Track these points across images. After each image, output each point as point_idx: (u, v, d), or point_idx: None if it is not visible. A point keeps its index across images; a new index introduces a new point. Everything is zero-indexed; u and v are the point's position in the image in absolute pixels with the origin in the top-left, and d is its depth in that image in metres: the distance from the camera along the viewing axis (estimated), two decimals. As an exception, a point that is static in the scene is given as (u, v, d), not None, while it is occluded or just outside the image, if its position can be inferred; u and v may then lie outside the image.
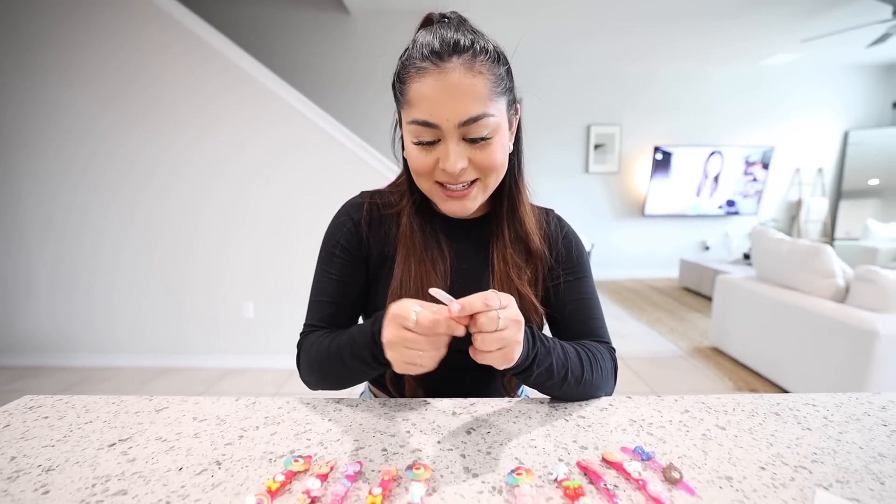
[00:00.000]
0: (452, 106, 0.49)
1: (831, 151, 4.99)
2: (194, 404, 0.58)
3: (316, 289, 0.65)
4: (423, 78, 0.50)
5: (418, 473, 0.41)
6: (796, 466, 0.43)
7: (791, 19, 3.44)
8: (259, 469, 0.44)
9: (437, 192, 0.56)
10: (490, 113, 0.51)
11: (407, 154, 0.56)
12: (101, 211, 2.39)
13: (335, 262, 0.64)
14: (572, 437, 0.49)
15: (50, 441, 0.50)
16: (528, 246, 0.63)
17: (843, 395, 0.58)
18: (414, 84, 0.51)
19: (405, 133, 0.55)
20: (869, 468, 0.43)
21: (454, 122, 0.50)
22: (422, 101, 0.50)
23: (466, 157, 0.52)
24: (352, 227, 0.64)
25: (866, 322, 1.80)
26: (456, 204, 0.56)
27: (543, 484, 0.41)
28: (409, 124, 0.53)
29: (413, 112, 0.51)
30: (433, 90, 0.49)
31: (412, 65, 0.51)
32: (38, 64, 2.26)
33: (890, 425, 0.51)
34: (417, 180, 0.57)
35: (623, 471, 0.42)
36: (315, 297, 0.65)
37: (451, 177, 0.53)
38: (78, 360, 2.54)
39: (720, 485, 0.41)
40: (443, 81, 0.49)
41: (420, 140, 0.52)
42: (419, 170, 0.55)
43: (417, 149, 0.53)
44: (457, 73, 0.49)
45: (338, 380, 0.58)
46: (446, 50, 0.49)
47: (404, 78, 0.52)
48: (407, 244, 0.61)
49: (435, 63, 0.49)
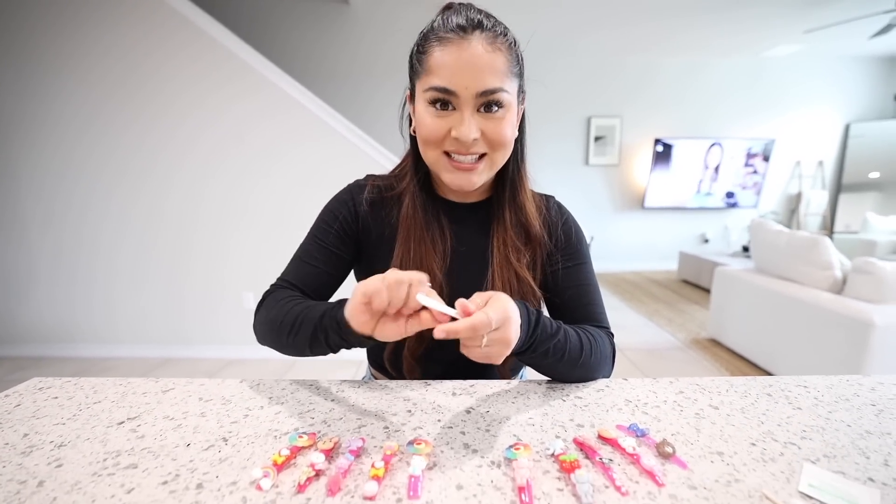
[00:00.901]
0: (472, 75, 0.51)
1: (832, 144, 4.98)
2: (199, 385, 0.60)
3: (301, 250, 0.66)
4: (446, 47, 0.52)
5: (419, 448, 0.42)
6: (786, 443, 0.45)
7: (793, 10, 3.42)
8: (265, 445, 0.45)
9: (443, 163, 0.57)
10: (505, 88, 0.53)
11: (419, 122, 0.57)
12: (102, 202, 2.40)
13: (329, 233, 0.65)
14: (569, 416, 0.51)
15: (60, 419, 0.51)
16: (528, 231, 0.64)
17: (835, 377, 0.60)
18: (435, 52, 0.53)
19: (420, 102, 0.56)
20: (856, 444, 0.44)
21: (473, 91, 0.52)
22: (442, 69, 0.52)
23: (479, 129, 0.54)
24: (352, 206, 0.66)
25: (863, 313, 1.82)
26: (462, 177, 0.57)
27: (540, 458, 0.42)
28: (426, 91, 0.54)
29: (432, 79, 0.53)
30: (455, 59, 0.51)
31: (435, 36, 0.53)
32: (38, 56, 2.25)
33: (878, 405, 0.52)
34: (425, 150, 0.58)
35: (618, 446, 0.43)
36: (298, 255, 0.66)
37: (463, 146, 0.54)
38: (79, 350, 2.56)
39: (711, 459, 0.42)
40: (466, 51, 0.51)
41: (437, 107, 0.54)
42: (430, 136, 0.55)
43: (432, 115, 0.54)
44: (479, 46, 0.52)
45: (287, 343, 0.56)
46: (471, 24, 0.52)
47: (425, 48, 0.54)
48: (409, 223, 0.62)
49: (459, 34, 0.52)
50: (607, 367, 0.62)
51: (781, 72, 4.74)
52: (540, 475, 0.40)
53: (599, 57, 4.53)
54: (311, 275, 0.64)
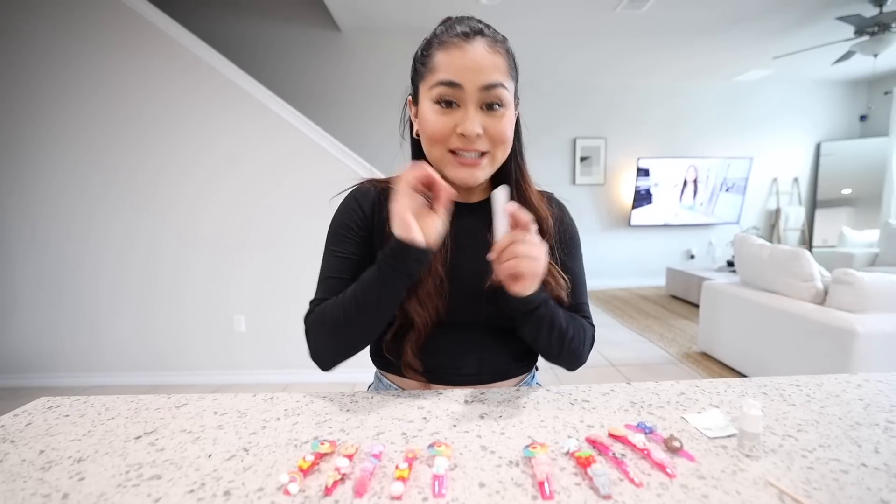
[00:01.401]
0: (476, 70, 0.56)
1: (805, 162, 5.21)
2: (213, 400, 0.60)
3: (325, 267, 0.67)
4: (451, 49, 0.57)
5: (440, 450, 0.44)
6: (784, 435, 0.47)
7: (762, 38, 3.63)
8: (286, 453, 0.46)
9: (448, 160, 0.60)
10: (506, 85, 0.58)
11: (424, 121, 0.60)
12: (85, 227, 2.37)
13: (344, 242, 0.66)
14: (579, 418, 0.53)
15: (76, 436, 0.51)
16: (538, 225, 0.67)
17: (824, 376, 0.63)
18: (440, 54, 0.58)
19: (424, 101, 0.60)
20: (848, 434, 0.47)
21: (476, 85, 0.56)
22: (448, 66, 0.57)
23: (482, 125, 0.58)
24: (358, 210, 0.67)
25: (845, 322, 1.88)
26: (466, 172, 0.60)
27: (556, 456, 0.44)
28: (431, 88, 0.58)
29: (438, 75, 0.57)
30: (459, 57, 0.57)
31: (438, 41, 0.58)
32: (34, 82, 2.26)
33: (865, 399, 0.55)
34: (430, 148, 0.61)
35: (628, 442, 0.45)
36: (324, 274, 0.67)
37: (468, 141, 0.58)
38: (62, 379, 2.48)
39: (717, 452, 0.44)
40: (469, 51, 0.57)
41: (441, 99, 0.57)
42: (436, 134, 0.59)
43: (437, 112, 0.58)
44: (481, 48, 0.57)
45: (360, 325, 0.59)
46: (473, 31, 0.58)
47: (429, 52, 0.59)
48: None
49: (462, 38, 0.57)
50: (586, 352, 0.67)
51: (755, 94, 4.99)
52: (557, 472, 0.42)
53: (581, 79, 4.72)
54: (342, 288, 0.63)
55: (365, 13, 3.29)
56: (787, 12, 3.16)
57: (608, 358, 2.75)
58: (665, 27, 3.42)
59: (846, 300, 2.00)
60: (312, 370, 2.24)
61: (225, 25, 3.68)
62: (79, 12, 2.20)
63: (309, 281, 2.49)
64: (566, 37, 3.60)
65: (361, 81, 4.10)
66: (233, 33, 3.73)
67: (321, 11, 3.57)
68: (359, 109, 4.19)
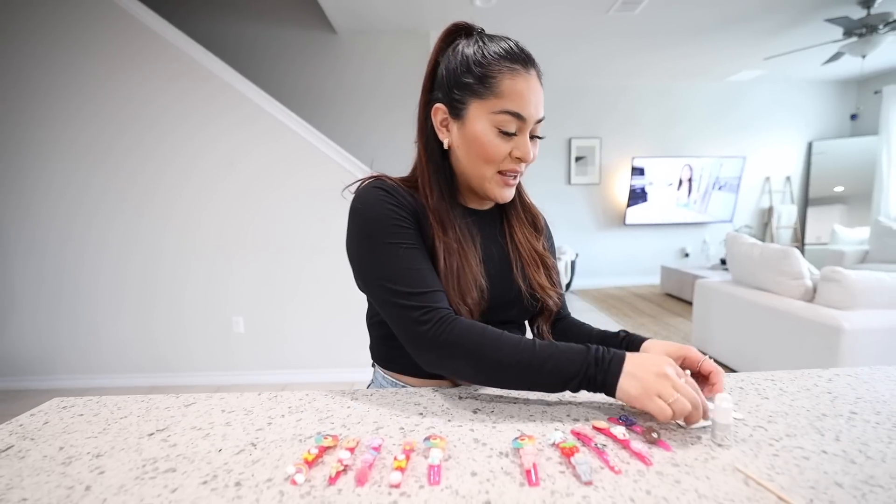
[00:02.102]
0: (536, 105, 0.61)
1: (798, 161, 5.27)
2: (220, 399, 0.63)
3: (397, 262, 0.59)
4: (516, 77, 0.60)
5: (435, 443, 0.47)
6: (755, 426, 0.51)
7: (753, 39, 3.68)
8: (292, 448, 0.49)
9: (497, 180, 0.65)
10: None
11: (481, 142, 0.61)
12: (84, 230, 2.39)
13: (403, 232, 0.61)
14: (566, 413, 0.56)
15: (92, 433, 0.54)
16: (535, 223, 0.77)
17: (798, 371, 0.67)
18: (507, 80, 0.60)
19: (482, 121, 0.60)
20: (813, 424, 0.51)
21: (535, 119, 0.62)
22: (516, 96, 0.60)
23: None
24: (396, 200, 0.62)
25: (832, 319, 1.93)
26: (509, 191, 0.67)
27: (543, 447, 0.47)
28: (496, 113, 0.60)
29: (504, 103, 0.60)
30: (526, 89, 0.60)
31: (502, 63, 0.60)
32: (31, 86, 2.28)
33: (833, 392, 0.59)
34: (482, 167, 0.63)
35: (610, 434, 0.49)
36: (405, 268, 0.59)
37: (521, 165, 0.64)
38: (62, 381, 2.50)
39: (692, 442, 0.48)
40: (532, 84, 0.61)
41: (506, 130, 0.61)
42: (496, 157, 0.62)
43: (499, 138, 0.62)
44: (535, 79, 0.62)
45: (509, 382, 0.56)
46: (529, 60, 0.62)
47: (491, 72, 0.60)
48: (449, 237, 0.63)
49: (525, 67, 0.61)
50: None
51: (747, 94, 5.05)
52: (543, 461, 0.45)
53: (575, 80, 4.76)
54: (435, 278, 0.61)
55: (360, 15, 3.32)
56: (778, 14, 3.20)
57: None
58: (658, 28, 3.46)
59: (834, 297, 2.05)
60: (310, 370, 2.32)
61: (221, 28, 3.70)
62: (76, 16, 2.22)
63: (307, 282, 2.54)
64: (560, 38, 3.64)
65: (357, 83, 4.12)
66: (229, 36, 3.74)
67: (317, 14, 3.59)
68: (355, 111, 4.20)
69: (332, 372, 2.46)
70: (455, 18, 0.68)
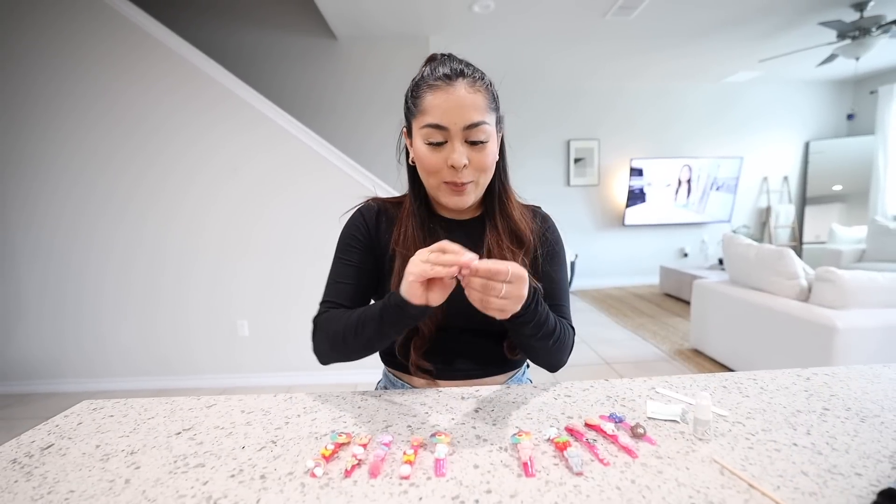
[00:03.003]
0: (459, 113, 0.64)
1: (795, 160, 5.31)
2: (238, 401, 0.68)
3: (333, 273, 0.76)
4: (436, 92, 0.64)
5: (441, 438, 0.52)
6: (734, 422, 0.55)
7: (749, 41, 3.73)
8: (309, 444, 0.54)
9: (443, 189, 0.69)
10: (486, 122, 0.66)
11: (419, 156, 0.68)
12: (88, 235, 2.43)
13: (351, 251, 0.75)
14: (561, 410, 0.61)
15: (124, 433, 0.59)
16: (520, 237, 0.75)
17: (779, 370, 0.71)
18: (427, 97, 0.65)
19: (417, 138, 0.68)
20: (788, 420, 0.55)
21: (460, 126, 0.64)
22: (434, 109, 0.64)
23: (467, 157, 0.66)
24: (363, 224, 0.76)
25: (826, 318, 1.97)
26: (458, 198, 0.69)
27: (539, 442, 0.52)
28: (421, 129, 0.66)
29: (426, 118, 0.65)
30: (444, 101, 0.64)
31: (425, 84, 0.66)
32: (34, 95, 2.32)
33: (809, 391, 0.64)
34: (427, 178, 0.70)
35: (600, 430, 0.53)
36: (332, 279, 0.75)
37: (456, 173, 0.66)
38: (68, 385, 2.54)
39: (675, 437, 0.52)
40: (452, 94, 0.64)
41: (431, 141, 0.66)
42: (430, 168, 0.67)
43: (429, 150, 0.66)
44: (462, 89, 0.64)
45: (355, 346, 0.65)
46: (454, 73, 0.65)
47: (418, 94, 0.67)
48: (409, 239, 0.72)
49: (445, 81, 0.64)
50: (567, 355, 0.72)
51: (744, 95, 5.09)
52: (539, 455, 0.49)
53: (573, 82, 4.81)
54: (347, 291, 0.73)
55: (360, 22, 3.37)
56: (773, 17, 3.25)
57: (602, 356, 2.84)
58: (654, 31, 3.50)
59: (828, 297, 2.09)
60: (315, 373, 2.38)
61: (222, 35, 3.75)
62: (80, 24, 2.26)
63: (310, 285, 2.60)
64: (557, 41, 3.68)
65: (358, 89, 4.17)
66: (230, 43, 3.79)
67: (317, 20, 3.64)
68: (355, 117, 4.25)
69: (337, 374, 2.51)
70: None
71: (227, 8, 3.68)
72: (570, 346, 0.73)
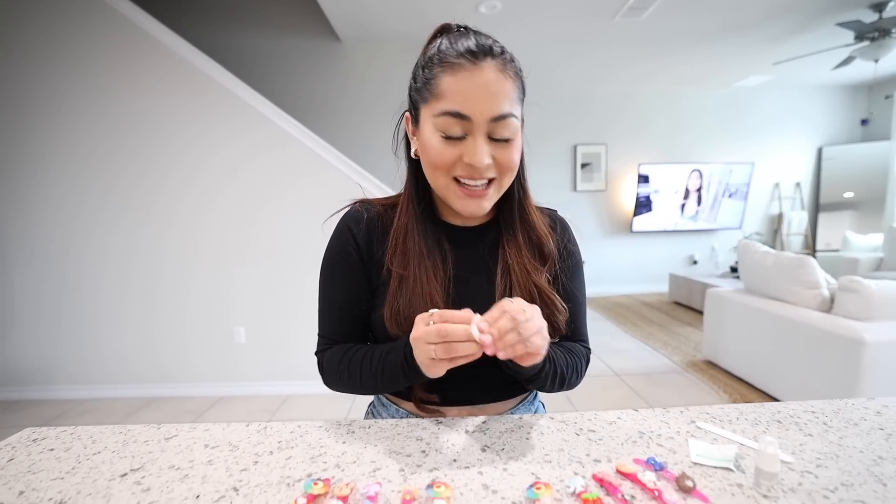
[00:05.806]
0: (486, 100, 0.51)
1: (807, 167, 5.19)
2: (204, 431, 0.58)
3: (324, 302, 0.66)
4: (458, 72, 0.51)
5: (439, 492, 0.41)
6: (802, 472, 0.45)
7: (762, 44, 3.63)
8: (278, 494, 0.44)
9: (453, 189, 0.56)
10: (515, 114, 0.54)
11: (426, 148, 0.55)
12: (84, 239, 2.36)
13: (340, 275, 0.65)
14: (585, 451, 0.50)
15: (58, 473, 0.49)
16: (541, 249, 0.64)
17: (840, 401, 0.60)
18: (445, 78, 0.52)
19: (426, 126, 0.55)
20: (871, 471, 0.45)
21: (486, 117, 0.52)
22: (455, 94, 0.51)
23: (490, 155, 0.54)
24: (352, 239, 0.64)
25: (853, 331, 1.85)
26: (473, 203, 0.57)
27: (562, 497, 0.42)
28: (436, 116, 0.53)
29: (443, 104, 0.52)
30: (468, 84, 0.51)
31: (444, 60, 0.52)
32: (29, 92, 2.26)
33: (886, 429, 0.53)
34: (434, 175, 0.57)
35: (638, 481, 0.43)
36: (324, 310, 0.66)
37: (476, 171, 0.54)
38: (64, 392, 2.46)
39: (732, 492, 0.42)
40: (479, 77, 0.51)
41: (448, 134, 0.53)
42: (440, 163, 0.54)
43: (442, 142, 0.53)
44: (491, 72, 0.51)
45: (367, 391, 0.63)
46: (482, 51, 0.52)
47: (432, 72, 0.53)
48: (408, 250, 0.61)
49: (470, 60, 0.51)
50: (580, 379, 0.65)
51: (756, 100, 4.98)
52: (563, 516, 0.39)
53: (581, 86, 4.72)
54: (343, 325, 0.66)
55: (364, 23, 3.31)
56: (787, 19, 3.15)
57: (612, 367, 2.72)
58: (664, 34, 3.42)
59: (853, 308, 1.97)
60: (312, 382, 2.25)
61: (225, 36, 3.70)
62: (78, 24, 2.20)
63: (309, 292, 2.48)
64: (566, 44, 3.61)
65: (361, 91, 4.11)
66: (232, 44, 3.75)
67: (321, 22, 3.58)
68: (359, 119, 4.19)
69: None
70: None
71: (230, 10, 3.64)
72: (584, 370, 0.65)
